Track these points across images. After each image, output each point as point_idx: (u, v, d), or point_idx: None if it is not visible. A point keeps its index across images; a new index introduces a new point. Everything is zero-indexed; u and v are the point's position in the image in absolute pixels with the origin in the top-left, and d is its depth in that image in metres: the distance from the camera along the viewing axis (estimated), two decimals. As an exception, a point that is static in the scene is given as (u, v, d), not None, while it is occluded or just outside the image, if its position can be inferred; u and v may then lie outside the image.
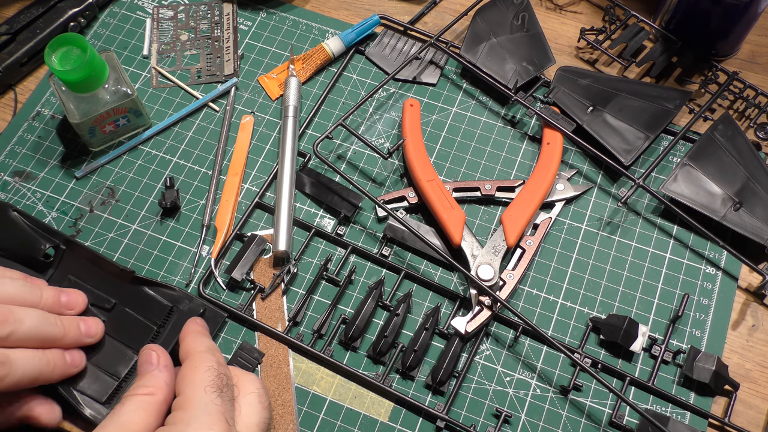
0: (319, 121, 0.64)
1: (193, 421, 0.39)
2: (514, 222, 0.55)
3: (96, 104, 0.58)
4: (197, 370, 0.43)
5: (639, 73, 0.66)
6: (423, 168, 0.58)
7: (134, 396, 0.42)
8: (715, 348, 0.53)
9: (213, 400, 0.41)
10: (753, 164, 0.58)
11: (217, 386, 0.42)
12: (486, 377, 0.53)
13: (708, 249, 0.57)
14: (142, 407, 0.41)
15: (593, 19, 0.69)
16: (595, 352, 0.53)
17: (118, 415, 0.41)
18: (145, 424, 0.41)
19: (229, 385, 0.43)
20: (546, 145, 0.60)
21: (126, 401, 0.42)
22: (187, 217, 0.59)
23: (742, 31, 0.63)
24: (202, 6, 0.70)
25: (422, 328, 0.53)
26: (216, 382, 0.42)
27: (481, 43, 0.65)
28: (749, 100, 0.63)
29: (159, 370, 0.44)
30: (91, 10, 0.68)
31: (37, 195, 0.60)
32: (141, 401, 0.42)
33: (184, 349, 0.45)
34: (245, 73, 0.66)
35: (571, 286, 0.56)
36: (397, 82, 0.65)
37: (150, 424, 0.41)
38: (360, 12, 0.70)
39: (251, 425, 0.43)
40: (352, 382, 0.53)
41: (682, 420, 0.51)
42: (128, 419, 0.40)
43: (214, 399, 0.41)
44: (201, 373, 0.42)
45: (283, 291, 0.56)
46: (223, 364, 0.44)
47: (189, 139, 0.63)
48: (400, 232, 0.57)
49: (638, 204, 0.59)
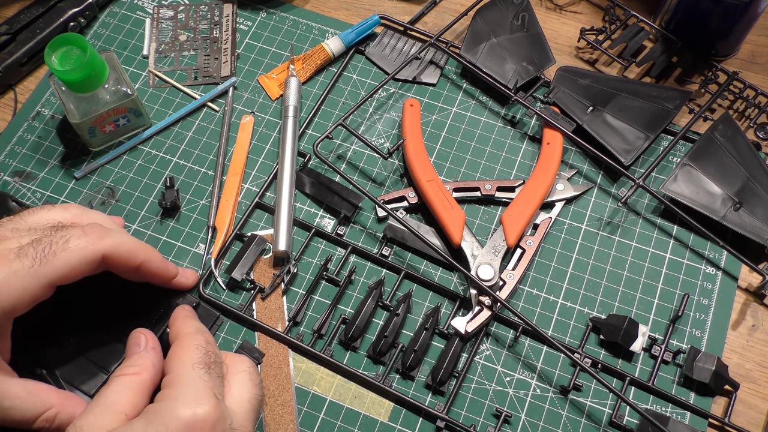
0: (319, 121, 0.64)
1: (181, 397, 0.39)
2: (514, 222, 0.55)
3: (96, 104, 0.58)
4: (185, 349, 0.43)
5: (639, 73, 0.66)
6: (423, 168, 0.58)
7: (120, 376, 0.42)
8: (715, 348, 0.53)
9: (201, 376, 0.41)
10: (753, 164, 0.58)
11: (204, 363, 0.42)
12: (486, 377, 0.53)
13: (708, 249, 0.57)
14: (128, 387, 0.41)
15: (593, 19, 0.69)
16: (595, 352, 0.53)
17: (104, 396, 0.41)
18: (132, 404, 0.41)
19: (217, 363, 0.43)
20: (546, 145, 0.60)
21: (112, 382, 0.42)
22: (187, 217, 0.59)
23: (742, 31, 0.63)
24: (202, 6, 0.70)
25: (422, 328, 0.53)
26: (204, 359, 0.42)
27: (481, 43, 0.65)
28: (749, 100, 0.63)
29: (146, 351, 0.44)
30: (91, 10, 0.68)
31: (37, 195, 0.60)
32: (127, 381, 0.42)
33: (174, 332, 0.45)
34: (245, 73, 0.66)
35: (571, 286, 0.56)
36: (397, 82, 0.65)
37: (137, 403, 0.41)
38: (360, 12, 0.70)
39: (242, 401, 0.43)
40: (352, 382, 0.53)
41: (682, 420, 0.51)
42: (115, 400, 0.40)
43: (201, 375, 0.41)
44: (189, 351, 0.42)
45: (283, 291, 0.56)
46: (212, 343, 0.44)
47: (189, 139, 0.63)
48: (400, 232, 0.57)
49: (638, 204, 0.59)
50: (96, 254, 0.43)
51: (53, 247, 0.42)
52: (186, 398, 0.39)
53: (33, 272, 0.41)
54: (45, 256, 0.42)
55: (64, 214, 0.47)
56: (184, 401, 0.39)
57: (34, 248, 0.42)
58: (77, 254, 0.43)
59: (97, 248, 0.44)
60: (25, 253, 0.41)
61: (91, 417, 0.40)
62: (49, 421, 0.43)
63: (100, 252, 0.44)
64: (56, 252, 0.42)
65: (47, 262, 0.42)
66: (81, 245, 0.43)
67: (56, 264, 0.42)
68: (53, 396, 0.44)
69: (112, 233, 0.45)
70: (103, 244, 0.44)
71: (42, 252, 0.42)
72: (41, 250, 0.42)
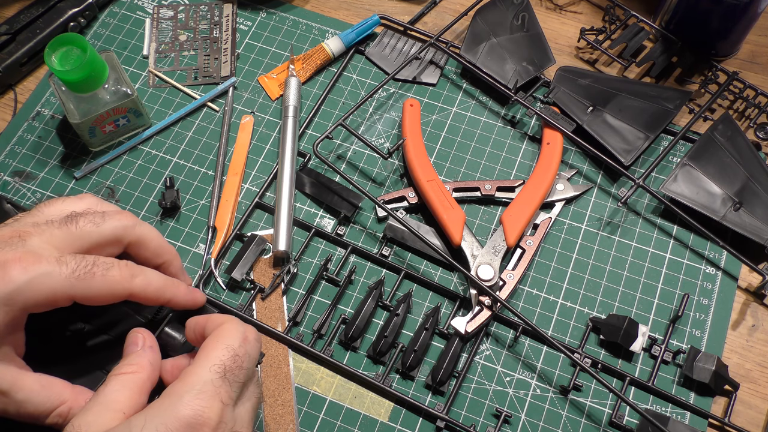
0: (319, 121, 0.64)
1: (186, 395, 0.39)
2: (514, 222, 0.55)
3: (96, 104, 0.58)
4: (216, 344, 0.42)
5: (639, 73, 0.66)
6: (423, 168, 0.58)
7: (118, 375, 0.42)
8: (715, 348, 0.53)
9: (213, 379, 0.40)
10: (753, 164, 0.58)
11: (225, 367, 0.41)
12: (486, 377, 0.53)
13: (708, 249, 0.57)
14: (126, 386, 0.41)
15: (593, 19, 0.69)
16: (595, 352, 0.53)
17: (102, 395, 0.41)
18: (130, 403, 0.40)
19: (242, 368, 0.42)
20: (546, 145, 0.60)
21: (110, 381, 0.42)
22: (187, 217, 0.59)
23: (742, 31, 0.63)
24: (202, 6, 0.70)
25: (422, 328, 0.53)
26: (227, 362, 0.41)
27: (481, 43, 0.65)
28: (749, 100, 0.63)
29: (143, 350, 0.44)
30: (91, 10, 0.68)
31: (37, 195, 0.60)
32: (124, 380, 0.42)
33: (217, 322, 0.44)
34: (245, 73, 0.66)
35: (571, 286, 0.56)
36: (397, 82, 0.65)
37: (134, 402, 0.41)
38: (360, 12, 0.70)
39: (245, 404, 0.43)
40: (352, 382, 0.53)
41: (682, 420, 0.51)
42: (112, 398, 0.40)
43: (214, 378, 0.40)
44: (217, 350, 0.41)
45: (283, 291, 0.56)
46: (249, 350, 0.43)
47: (189, 139, 0.63)
48: (400, 232, 0.57)
49: (638, 204, 0.59)
50: (125, 290, 0.44)
51: (95, 269, 0.43)
52: (190, 397, 0.39)
53: (67, 282, 0.41)
54: (84, 274, 0.42)
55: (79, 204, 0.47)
56: (187, 400, 0.39)
57: (77, 262, 0.42)
58: (111, 286, 0.43)
59: (128, 286, 0.44)
60: (65, 262, 0.42)
61: (89, 416, 0.40)
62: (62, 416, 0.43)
63: (129, 290, 0.44)
64: (95, 274, 0.42)
65: (83, 280, 0.42)
66: (116, 278, 0.43)
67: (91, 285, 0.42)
68: (67, 390, 0.44)
69: (146, 273, 0.45)
70: (134, 283, 0.44)
71: (83, 268, 0.42)
72: (83, 266, 0.42)
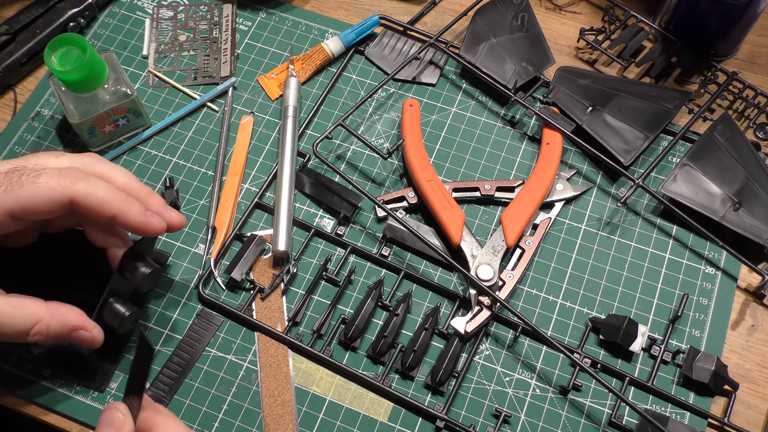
0: (318, 121, 0.64)
1: None
2: (513, 222, 0.55)
3: (96, 104, 0.58)
4: None
5: (638, 74, 0.66)
6: (422, 168, 0.58)
7: None
8: (715, 348, 0.53)
9: None
10: (752, 164, 0.58)
11: None
12: (485, 377, 0.53)
13: (707, 249, 0.57)
14: None
15: (593, 20, 0.69)
16: (595, 352, 0.53)
17: None
18: None
19: None
20: (545, 145, 0.60)
21: None
22: (187, 217, 0.59)
23: (742, 31, 0.64)
24: (201, 6, 0.70)
25: (422, 328, 0.53)
26: None
27: (481, 43, 0.65)
28: (749, 100, 0.63)
29: None
30: (90, 10, 0.68)
31: (36, 195, 0.60)
32: None
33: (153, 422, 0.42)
34: (245, 73, 0.66)
35: (571, 286, 0.56)
36: (397, 82, 0.65)
37: None
38: (360, 12, 0.70)
39: None
40: (352, 382, 0.53)
41: (681, 420, 0.51)
42: None
43: None
44: None
45: (282, 291, 0.56)
46: None
47: (188, 139, 0.63)
48: (400, 232, 0.57)
49: (638, 204, 0.59)
50: (64, 197, 0.42)
51: (23, 179, 0.42)
52: None
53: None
54: (11, 185, 0.42)
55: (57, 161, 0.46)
56: None
57: (6, 177, 0.42)
58: (44, 191, 0.42)
59: (67, 191, 0.42)
60: None
61: None
62: (42, 333, 0.43)
63: (69, 195, 0.43)
64: (24, 184, 0.42)
65: (11, 192, 0.41)
66: (51, 184, 0.42)
67: (20, 195, 0.42)
68: (41, 308, 0.44)
69: (90, 180, 0.43)
70: (74, 188, 0.43)
71: (9, 181, 0.42)
72: (9, 179, 0.42)
